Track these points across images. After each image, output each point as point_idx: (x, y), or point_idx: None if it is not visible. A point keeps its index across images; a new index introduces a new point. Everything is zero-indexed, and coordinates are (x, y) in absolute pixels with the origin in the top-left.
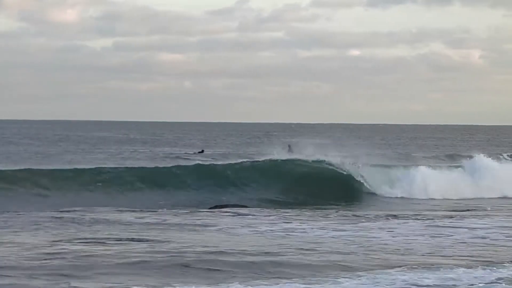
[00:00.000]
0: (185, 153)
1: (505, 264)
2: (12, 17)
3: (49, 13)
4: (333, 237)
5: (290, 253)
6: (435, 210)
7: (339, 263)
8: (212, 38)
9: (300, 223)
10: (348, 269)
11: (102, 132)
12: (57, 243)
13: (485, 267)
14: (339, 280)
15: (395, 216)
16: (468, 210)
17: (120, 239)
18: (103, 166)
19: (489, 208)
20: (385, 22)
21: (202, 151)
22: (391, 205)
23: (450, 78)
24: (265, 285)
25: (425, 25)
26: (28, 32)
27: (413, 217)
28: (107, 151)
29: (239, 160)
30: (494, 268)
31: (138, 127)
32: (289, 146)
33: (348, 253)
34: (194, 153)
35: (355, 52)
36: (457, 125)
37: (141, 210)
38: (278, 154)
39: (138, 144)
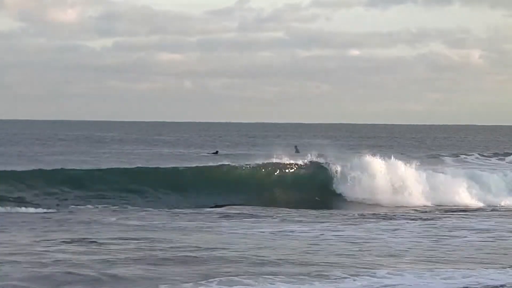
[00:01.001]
0: (203, 154)
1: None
2: (12, 17)
3: (49, 13)
4: (334, 238)
5: (290, 253)
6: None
7: (339, 263)
8: (211, 38)
9: (301, 223)
10: (349, 269)
11: (101, 132)
12: (53, 242)
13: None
14: (339, 281)
15: (393, 217)
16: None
17: (114, 239)
18: (103, 166)
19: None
20: (385, 22)
21: (217, 152)
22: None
23: (450, 78)
24: (264, 285)
25: (425, 25)
26: (28, 32)
27: (413, 218)
28: (106, 151)
29: (243, 162)
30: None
31: (138, 127)
32: (296, 147)
33: (349, 254)
34: (209, 154)
35: (354, 52)
36: (457, 125)
37: (139, 211)
38: (284, 155)
39: (139, 144)
